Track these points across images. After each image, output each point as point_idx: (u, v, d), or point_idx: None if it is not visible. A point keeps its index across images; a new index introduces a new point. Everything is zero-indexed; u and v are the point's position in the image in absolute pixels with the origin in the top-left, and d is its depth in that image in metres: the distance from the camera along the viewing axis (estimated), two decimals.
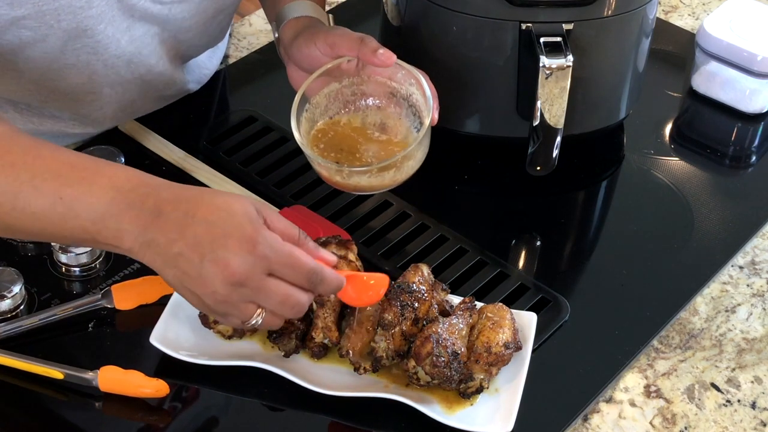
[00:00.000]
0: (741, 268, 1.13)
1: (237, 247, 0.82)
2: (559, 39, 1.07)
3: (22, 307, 1.00)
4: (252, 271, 0.83)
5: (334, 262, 0.90)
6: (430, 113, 0.99)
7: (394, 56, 1.01)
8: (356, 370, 0.95)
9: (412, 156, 0.99)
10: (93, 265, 1.05)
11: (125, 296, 1.01)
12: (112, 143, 1.17)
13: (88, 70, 1.07)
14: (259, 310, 0.85)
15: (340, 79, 1.04)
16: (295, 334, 0.96)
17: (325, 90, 1.04)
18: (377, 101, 1.05)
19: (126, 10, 1.05)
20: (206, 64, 1.29)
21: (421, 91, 1.01)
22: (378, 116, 1.05)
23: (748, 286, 1.11)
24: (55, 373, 0.94)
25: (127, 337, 1.01)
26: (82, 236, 0.86)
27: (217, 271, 0.82)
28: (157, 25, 1.09)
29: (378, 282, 0.93)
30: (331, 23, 1.11)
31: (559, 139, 1.10)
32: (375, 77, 1.04)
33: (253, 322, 0.86)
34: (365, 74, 1.04)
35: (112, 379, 0.93)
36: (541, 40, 1.07)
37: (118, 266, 1.05)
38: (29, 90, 1.09)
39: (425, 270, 0.98)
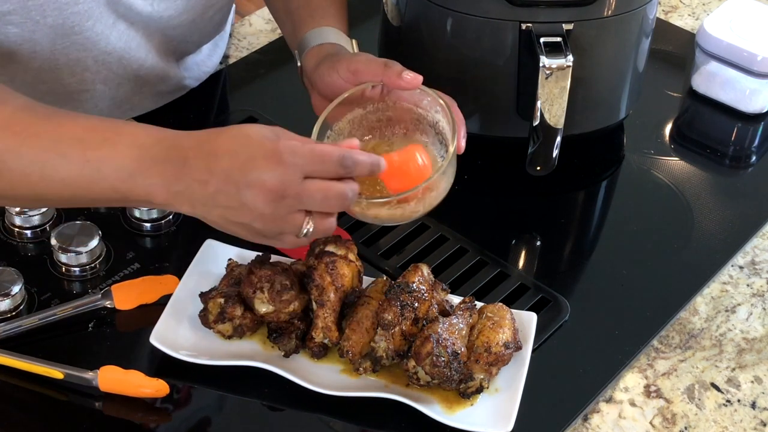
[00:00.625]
0: (741, 268, 1.13)
1: (265, 165, 0.84)
2: (559, 39, 1.07)
3: (22, 307, 1.01)
4: (288, 180, 0.84)
5: (356, 144, 0.89)
6: (455, 141, 0.94)
7: (420, 78, 0.97)
8: (356, 370, 0.95)
9: (435, 187, 0.95)
10: (93, 265, 1.05)
11: (125, 296, 1.01)
12: None
13: (80, 68, 1.08)
14: (307, 218, 0.87)
15: (364, 105, 1.00)
16: (295, 334, 0.96)
17: (348, 116, 1.00)
18: (403, 128, 1.01)
19: (111, 6, 1.05)
20: (205, 62, 1.29)
21: (447, 118, 0.96)
22: (404, 143, 0.99)
23: (748, 286, 1.11)
24: (55, 373, 0.94)
25: (127, 337, 1.01)
26: (113, 196, 0.88)
27: (256, 193, 0.84)
28: (145, 23, 1.09)
29: (418, 166, 0.92)
30: (355, 49, 1.08)
31: (559, 139, 1.10)
32: (401, 103, 1.00)
33: (305, 230, 0.87)
34: (390, 100, 1.00)
35: (112, 379, 0.93)
36: (541, 40, 1.07)
37: (118, 266, 1.05)
38: (24, 93, 1.09)
39: (425, 270, 0.98)
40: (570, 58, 1.06)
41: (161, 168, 0.86)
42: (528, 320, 0.99)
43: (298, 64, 1.09)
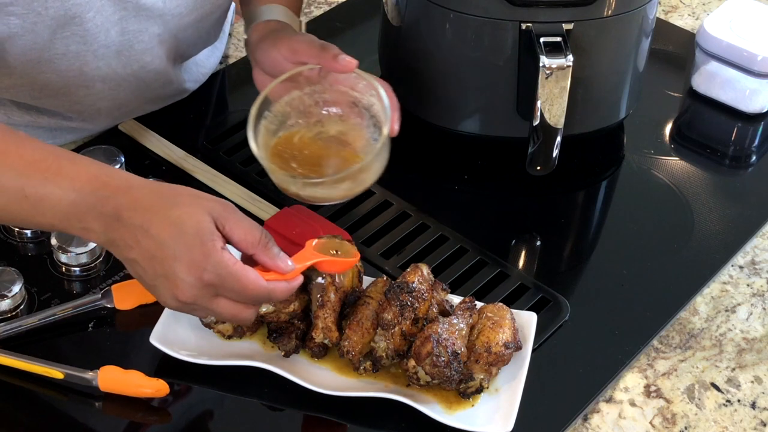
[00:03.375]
0: (741, 268, 1.13)
1: (185, 272, 0.84)
2: (559, 39, 1.07)
3: (22, 307, 1.00)
4: (200, 295, 0.86)
5: (288, 271, 0.89)
6: (388, 125, 0.97)
7: (355, 62, 1.00)
8: (356, 370, 0.95)
9: (368, 168, 0.97)
10: (93, 265, 1.05)
11: (125, 296, 1.01)
12: (112, 143, 1.17)
13: (79, 61, 1.08)
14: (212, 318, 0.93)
15: (302, 87, 1.03)
16: (295, 334, 0.96)
17: (285, 98, 1.02)
18: (339, 110, 1.03)
19: (117, 1, 1.05)
20: (204, 62, 1.29)
21: (380, 102, 0.98)
22: (339, 126, 1.02)
23: (748, 286, 1.11)
24: (55, 373, 0.94)
25: (127, 337, 1.01)
26: (51, 229, 0.92)
27: (168, 287, 0.86)
28: (154, 21, 1.09)
29: (345, 262, 0.94)
30: (302, 29, 1.11)
31: (559, 139, 1.10)
32: (337, 86, 1.02)
33: (207, 320, 0.95)
34: (327, 83, 1.02)
35: (112, 379, 0.93)
36: (541, 40, 1.07)
37: (118, 266, 1.05)
38: (22, 85, 1.09)
39: (425, 270, 0.98)
40: (570, 58, 1.06)
41: (96, 215, 0.87)
42: (528, 320, 0.99)
43: (245, 36, 1.12)
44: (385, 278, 0.99)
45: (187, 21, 1.12)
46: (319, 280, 0.95)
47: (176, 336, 0.97)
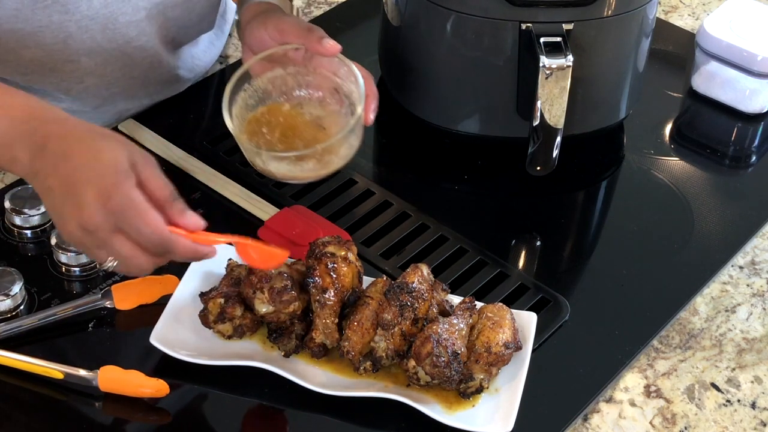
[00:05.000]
0: (741, 268, 1.13)
1: (92, 197, 0.85)
2: (559, 39, 1.07)
3: (22, 307, 1.00)
4: (101, 224, 0.86)
5: (197, 228, 0.90)
6: (361, 107, 0.97)
7: (339, 47, 1.01)
8: (356, 370, 0.95)
9: (334, 150, 0.98)
10: (93, 265, 1.05)
11: (125, 296, 1.01)
12: None
13: (63, 33, 1.08)
14: (110, 259, 0.88)
15: (285, 66, 1.04)
16: (295, 334, 0.96)
17: (268, 74, 1.04)
18: (319, 94, 1.04)
19: None
20: (200, 56, 1.29)
21: (357, 89, 0.99)
22: (318, 109, 1.04)
23: (748, 286, 1.11)
24: (55, 373, 0.94)
25: (127, 337, 1.01)
26: None
27: (73, 214, 0.86)
28: None
29: (273, 255, 0.94)
30: (294, 11, 1.12)
31: (559, 139, 1.10)
32: (320, 70, 1.03)
33: (107, 266, 0.89)
34: (311, 66, 1.03)
35: (112, 379, 0.93)
36: (541, 40, 1.07)
37: None
38: (9, 61, 1.09)
39: (425, 270, 0.98)
40: (570, 58, 1.06)
41: (26, 144, 0.88)
42: (528, 320, 0.99)
43: (235, 17, 1.12)
44: (385, 278, 0.99)
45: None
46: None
47: (176, 336, 0.97)
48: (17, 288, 1.00)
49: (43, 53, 1.09)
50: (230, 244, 0.93)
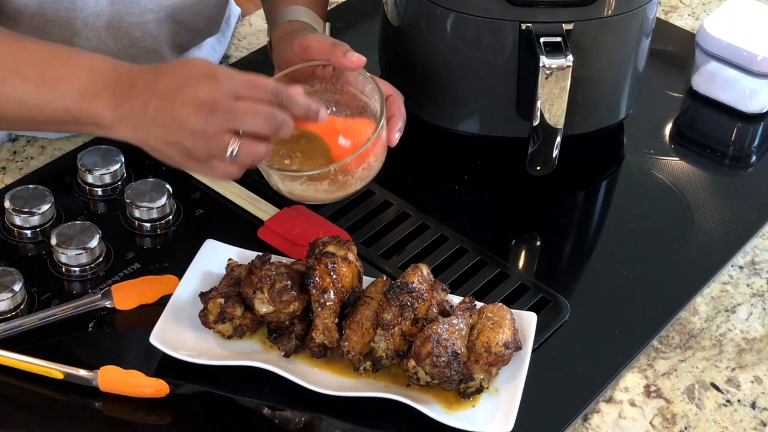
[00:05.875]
0: (741, 268, 1.13)
1: (200, 81, 0.88)
2: (559, 39, 1.07)
3: (22, 307, 1.00)
4: (219, 96, 0.87)
5: (301, 91, 0.92)
6: (377, 130, 0.94)
7: (364, 60, 0.99)
8: (356, 370, 0.95)
9: (350, 171, 0.95)
10: (93, 265, 1.05)
11: (125, 296, 1.01)
12: (112, 143, 1.17)
13: (69, 30, 1.09)
14: (235, 138, 0.88)
15: (312, 83, 1.02)
16: (295, 334, 0.96)
17: None
18: (347, 113, 1.01)
19: None
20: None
21: (380, 107, 0.96)
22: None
23: (748, 286, 1.11)
24: (55, 373, 0.94)
25: (127, 337, 1.01)
26: (64, 117, 0.93)
27: (189, 108, 0.87)
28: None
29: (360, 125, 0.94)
30: (326, 31, 1.10)
31: (559, 139, 1.10)
32: (347, 89, 1.02)
33: (231, 149, 0.88)
34: (339, 84, 1.02)
35: (112, 379, 0.93)
36: (541, 40, 1.07)
37: (118, 266, 1.05)
38: None
39: (425, 270, 0.98)
40: (570, 58, 1.06)
41: (111, 91, 0.91)
42: (528, 320, 0.99)
43: (268, 38, 1.12)
44: (385, 278, 0.99)
45: (185, 1, 1.13)
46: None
47: (176, 336, 0.97)
48: (17, 288, 1.00)
49: None
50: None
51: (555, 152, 1.11)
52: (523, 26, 1.09)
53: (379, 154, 0.97)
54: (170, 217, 1.10)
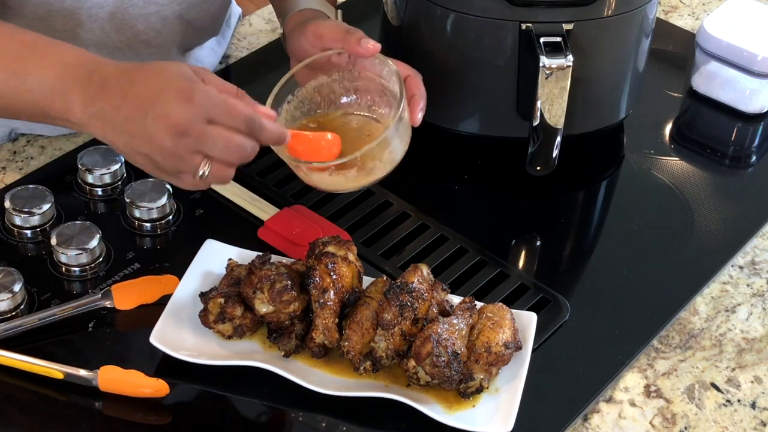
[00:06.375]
0: (741, 268, 1.13)
1: (175, 99, 0.86)
2: (559, 39, 1.07)
3: (22, 307, 1.00)
4: (192, 119, 0.86)
5: (273, 116, 0.92)
6: (398, 111, 0.95)
7: (379, 46, 0.99)
8: (356, 370, 0.95)
9: (377, 156, 0.95)
10: (93, 265, 1.05)
11: (125, 296, 1.01)
12: None
13: (73, 21, 1.09)
14: (205, 160, 0.88)
15: (330, 73, 1.02)
16: (295, 334, 0.96)
17: (312, 83, 1.01)
18: (368, 98, 1.02)
19: None
20: (203, 59, 1.29)
21: (399, 88, 0.97)
22: (368, 114, 1.02)
23: (748, 286, 1.11)
24: (55, 373, 0.94)
25: (127, 337, 1.01)
26: (34, 110, 0.92)
27: (160, 125, 0.86)
28: None
29: (329, 142, 0.94)
30: (339, 18, 1.09)
31: (559, 139, 1.10)
32: (365, 73, 1.01)
33: (201, 172, 0.88)
34: (356, 70, 1.01)
35: (112, 379, 0.93)
36: (541, 40, 1.07)
37: (118, 266, 1.05)
38: None
39: (425, 270, 0.98)
40: (570, 58, 1.06)
41: (81, 88, 0.89)
42: (528, 320, 0.99)
43: (280, 30, 1.11)
44: (385, 278, 0.99)
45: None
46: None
47: (176, 336, 0.97)
48: (17, 288, 1.00)
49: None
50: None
51: (555, 152, 1.11)
52: (523, 26, 1.09)
53: (403, 136, 0.97)
54: (170, 217, 1.10)
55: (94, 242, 1.04)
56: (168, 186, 1.10)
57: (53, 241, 1.04)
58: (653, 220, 1.18)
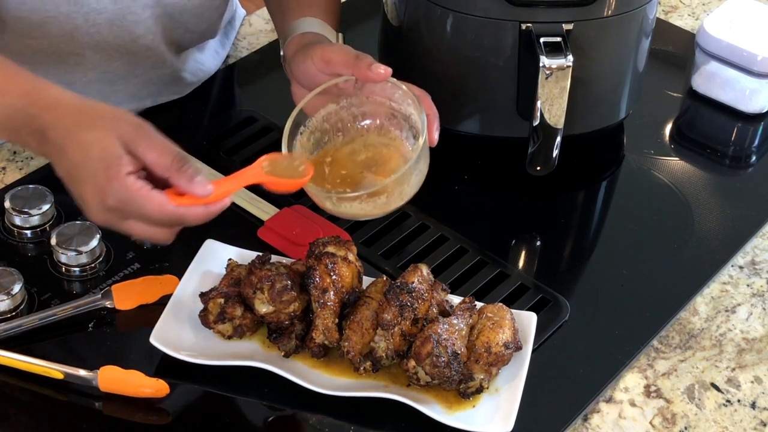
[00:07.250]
0: (741, 268, 1.13)
1: (90, 196, 0.87)
2: (559, 39, 1.07)
3: (22, 307, 1.00)
4: (108, 218, 0.88)
5: (204, 195, 0.88)
6: (423, 134, 0.94)
7: (390, 71, 0.97)
8: (356, 370, 0.95)
9: (405, 181, 0.94)
10: (93, 265, 1.05)
11: (125, 296, 1.01)
12: None
13: (70, 24, 1.09)
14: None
15: (338, 100, 1.00)
16: (295, 334, 0.96)
17: (322, 112, 1.00)
18: (377, 123, 1.00)
19: None
20: (204, 61, 1.29)
21: (417, 110, 0.96)
22: (378, 140, 1.00)
23: (748, 286, 1.11)
24: (55, 373, 0.94)
25: (127, 337, 1.01)
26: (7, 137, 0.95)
27: (84, 206, 0.89)
28: None
29: (280, 183, 0.93)
30: (340, 41, 1.08)
31: (559, 139, 1.10)
32: (374, 98, 0.99)
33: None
34: (364, 94, 0.99)
35: (112, 379, 0.93)
36: (541, 40, 1.07)
37: (118, 266, 1.05)
38: (14, 50, 1.09)
39: (425, 270, 0.98)
40: (570, 58, 1.06)
41: (27, 132, 0.91)
42: (528, 320, 0.99)
43: (281, 52, 1.10)
44: (385, 278, 0.99)
45: (185, 3, 1.13)
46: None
47: (176, 336, 0.97)
48: (17, 288, 1.00)
49: (48, 44, 1.10)
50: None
51: (555, 152, 1.11)
52: (523, 26, 1.09)
53: (426, 158, 0.96)
54: None
55: (94, 242, 1.04)
56: None
57: (53, 241, 1.04)
58: (653, 220, 1.18)
